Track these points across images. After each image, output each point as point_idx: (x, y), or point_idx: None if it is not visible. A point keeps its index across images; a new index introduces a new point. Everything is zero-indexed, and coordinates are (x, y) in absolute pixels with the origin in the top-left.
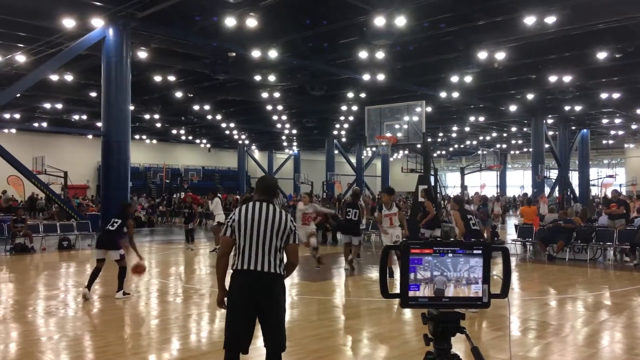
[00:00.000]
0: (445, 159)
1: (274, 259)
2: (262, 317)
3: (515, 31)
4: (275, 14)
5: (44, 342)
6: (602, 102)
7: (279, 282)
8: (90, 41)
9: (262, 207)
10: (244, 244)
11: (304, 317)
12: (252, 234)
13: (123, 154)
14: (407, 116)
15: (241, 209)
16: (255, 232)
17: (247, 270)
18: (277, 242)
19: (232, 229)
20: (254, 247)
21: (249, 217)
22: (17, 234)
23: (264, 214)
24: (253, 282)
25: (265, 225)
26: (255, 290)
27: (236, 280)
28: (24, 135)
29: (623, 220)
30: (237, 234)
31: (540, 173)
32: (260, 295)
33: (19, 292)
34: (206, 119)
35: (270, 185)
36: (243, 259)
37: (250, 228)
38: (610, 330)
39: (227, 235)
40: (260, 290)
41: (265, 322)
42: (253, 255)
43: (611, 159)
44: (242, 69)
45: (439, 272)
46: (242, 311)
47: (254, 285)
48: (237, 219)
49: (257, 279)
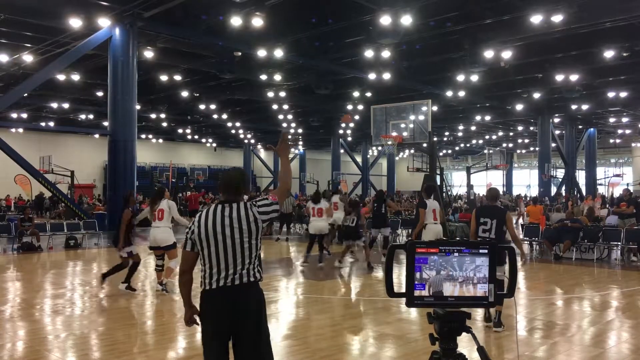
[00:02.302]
0: (452, 158)
1: (249, 265)
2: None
3: (522, 30)
4: (280, 13)
5: (51, 340)
6: (609, 100)
7: (257, 292)
8: (96, 41)
9: (224, 211)
10: (209, 258)
11: (309, 316)
12: (218, 246)
13: (129, 153)
14: (413, 115)
15: (200, 217)
16: (221, 242)
17: (221, 288)
18: (252, 241)
19: (193, 242)
20: (222, 261)
21: (209, 227)
22: (25, 232)
23: (227, 218)
24: (227, 302)
25: (232, 231)
26: (231, 312)
27: (208, 303)
28: (31, 134)
29: (633, 219)
30: (200, 247)
31: (547, 172)
32: (236, 315)
33: (26, 290)
34: (212, 118)
35: (231, 181)
36: (211, 277)
37: (214, 239)
38: (617, 330)
39: (188, 249)
40: (236, 309)
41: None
42: (223, 269)
43: (618, 158)
44: (248, 68)
45: (445, 271)
46: (222, 340)
47: (229, 305)
48: (197, 232)
49: (231, 297)
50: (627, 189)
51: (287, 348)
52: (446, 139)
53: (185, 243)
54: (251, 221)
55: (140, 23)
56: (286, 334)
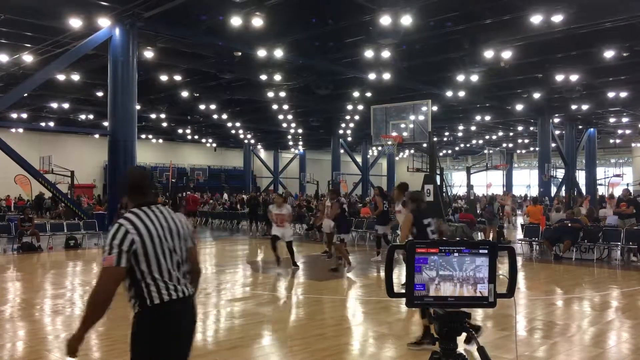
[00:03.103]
0: (451, 158)
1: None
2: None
3: (522, 30)
4: (280, 13)
5: (51, 340)
6: (609, 101)
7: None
8: (96, 41)
9: (163, 213)
10: (156, 267)
11: (309, 316)
12: (164, 250)
13: (129, 153)
14: (413, 115)
15: (136, 226)
16: (167, 248)
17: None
18: (185, 252)
19: (130, 255)
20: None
21: (154, 233)
22: (25, 233)
23: (165, 222)
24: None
25: (172, 236)
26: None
27: (161, 320)
28: (31, 134)
29: (633, 219)
30: (143, 258)
31: (547, 172)
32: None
33: (26, 290)
34: (212, 118)
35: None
36: (159, 289)
37: (160, 245)
38: (617, 330)
39: (122, 264)
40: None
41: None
42: (179, 275)
43: (618, 158)
44: (248, 68)
45: (445, 271)
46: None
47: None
48: (140, 240)
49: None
50: (627, 189)
51: (287, 348)
52: (446, 139)
53: (118, 257)
54: (184, 224)
55: (140, 23)
56: (286, 334)
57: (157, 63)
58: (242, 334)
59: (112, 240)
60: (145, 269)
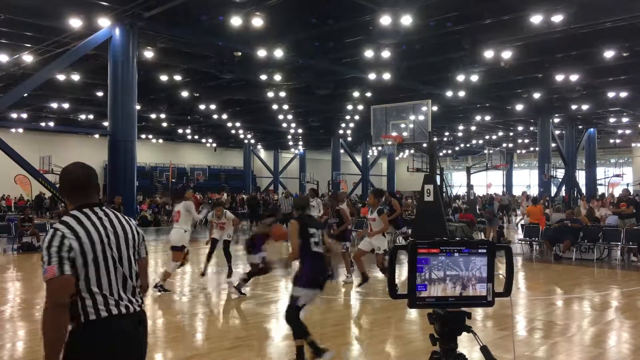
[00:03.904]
0: (451, 158)
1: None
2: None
3: (522, 30)
4: (281, 13)
5: None
6: (610, 101)
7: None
8: (96, 41)
9: (109, 216)
10: (95, 280)
11: (310, 316)
12: (107, 260)
13: (129, 153)
14: (413, 115)
15: (74, 230)
16: (111, 257)
17: (116, 316)
18: (135, 263)
19: (72, 262)
20: (119, 277)
21: (95, 240)
22: (25, 233)
23: (111, 226)
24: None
25: (118, 244)
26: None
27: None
28: (31, 134)
29: (633, 219)
30: (82, 268)
31: (547, 172)
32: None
33: (26, 290)
34: (212, 118)
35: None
36: (96, 304)
37: (102, 254)
38: (617, 331)
39: (67, 272)
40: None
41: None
42: (121, 290)
43: (618, 158)
44: (248, 68)
45: (446, 271)
46: None
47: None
48: (79, 247)
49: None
50: (626, 189)
51: (287, 348)
52: (446, 139)
53: (59, 265)
54: (134, 229)
55: (140, 23)
56: (286, 334)
57: (157, 63)
58: (242, 334)
59: (49, 248)
60: (82, 279)
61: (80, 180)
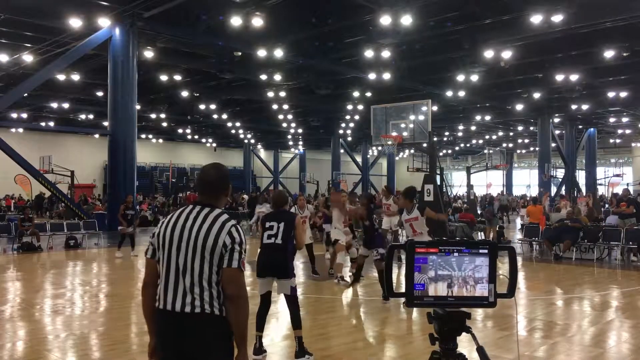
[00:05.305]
0: (452, 158)
1: (201, 292)
2: None
3: (522, 30)
4: (281, 13)
5: (51, 340)
6: (609, 100)
7: (209, 328)
8: (96, 41)
9: (191, 213)
10: (161, 270)
11: (310, 316)
12: (171, 256)
13: (129, 153)
14: (413, 115)
15: (167, 217)
16: (175, 252)
17: (163, 311)
18: (205, 265)
19: (154, 247)
20: (171, 275)
21: (168, 230)
22: (25, 232)
23: (190, 223)
24: (168, 330)
25: (188, 241)
26: (172, 344)
27: (155, 325)
28: (31, 134)
29: (633, 219)
30: (159, 254)
31: (547, 172)
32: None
33: (26, 290)
34: (212, 118)
35: (207, 178)
36: (159, 294)
37: (169, 246)
38: (617, 330)
39: (149, 256)
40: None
41: None
42: (170, 287)
43: (618, 158)
44: (248, 68)
45: (445, 271)
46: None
47: (169, 334)
48: (158, 232)
49: (172, 325)
50: (626, 189)
51: (287, 348)
52: (446, 139)
53: (147, 248)
54: (213, 234)
55: (140, 23)
56: (286, 334)
57: (157, 63)
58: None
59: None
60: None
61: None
